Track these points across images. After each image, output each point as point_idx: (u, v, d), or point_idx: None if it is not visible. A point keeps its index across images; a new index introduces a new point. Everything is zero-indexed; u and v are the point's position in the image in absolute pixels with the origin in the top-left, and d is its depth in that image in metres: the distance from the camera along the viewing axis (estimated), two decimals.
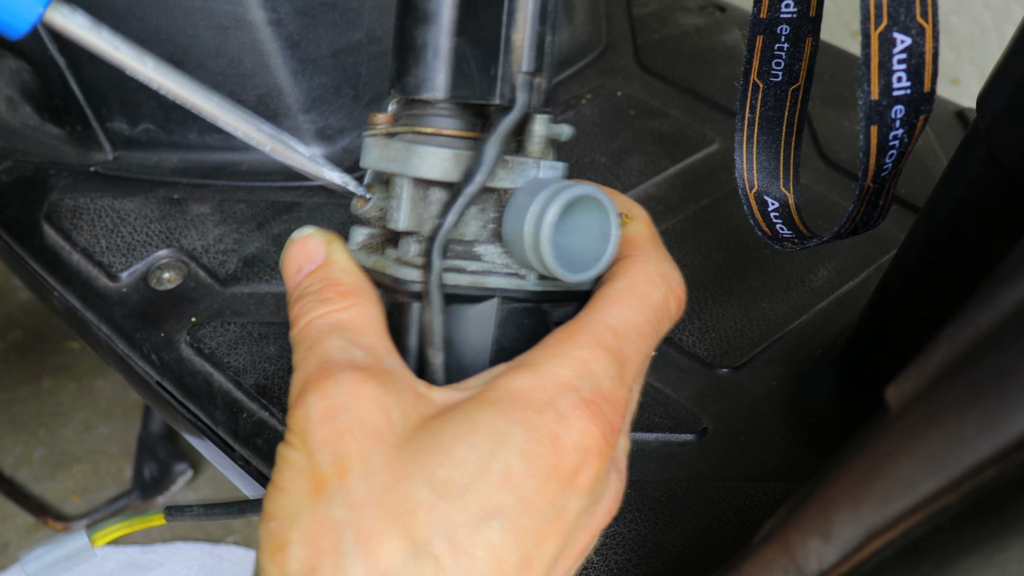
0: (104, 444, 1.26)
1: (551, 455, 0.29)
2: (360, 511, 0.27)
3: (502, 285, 0.33)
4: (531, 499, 0.28)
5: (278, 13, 0.66)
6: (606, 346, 0.31)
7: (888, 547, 0.26)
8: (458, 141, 0.33)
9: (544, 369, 0.30)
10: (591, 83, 0.81)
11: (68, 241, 0.66)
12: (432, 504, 0.27)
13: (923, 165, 0.72)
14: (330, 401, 0.29)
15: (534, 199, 0.32)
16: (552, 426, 0.29)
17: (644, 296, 0.33)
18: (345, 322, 0.32)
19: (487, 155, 0.31)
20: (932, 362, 0.22)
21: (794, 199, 0.48)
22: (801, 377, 0.58)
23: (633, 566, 0.49)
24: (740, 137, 0.48)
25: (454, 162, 0.32)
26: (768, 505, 0.51)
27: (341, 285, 0.33)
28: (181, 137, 0.72)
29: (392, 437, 0.29)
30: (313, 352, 0.31)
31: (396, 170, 0.33)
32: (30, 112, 0.75)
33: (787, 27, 0.45)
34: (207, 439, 0.59)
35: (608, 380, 0.31)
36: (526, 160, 0.34)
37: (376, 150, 0.34)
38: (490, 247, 0.34)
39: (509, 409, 0.29)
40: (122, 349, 0.62)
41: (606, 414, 0.30)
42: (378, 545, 0.27)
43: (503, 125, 0.32)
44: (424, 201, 0.33)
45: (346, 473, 0.28)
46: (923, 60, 0.37)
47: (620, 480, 0.34)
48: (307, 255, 0.34)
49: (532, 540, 0.28)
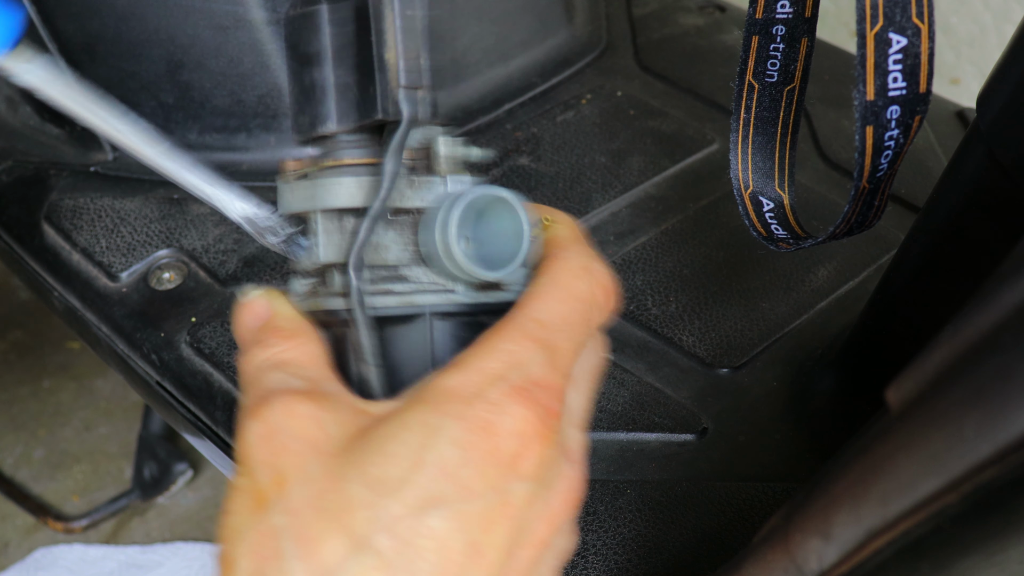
0: (104, 444, 1.26)
1: (485, 442, 0.29)
2: (299, 515, 0.28)
3: (432, 301, 0.34)
4: (470, 485, 0.29)
5: (278, 13, 0.66)
6: (532, 336, 0.31)
7: (888, 547, 0.26)
8: (361, 168, 0.35)
9: (471, 364, 0.30)
10: (591, 83, 0.81)
11: (68, 241, 0.66)
12: (369, 501, 0.28)
13: (923, 165, 0.72)
14: (265, 424, 0.30)
15: (441, 207, 0.33)
16: (483, 415, 0.29)
17: (567, 288, 0.33)
18: (287, 360, 0.33)
19: (386, 169, 0.33)
20: (932, 362, 0.22)
21: (789, 200, 0.48)
22: (801, 377, 0.58)
23: (633, 566, 0.49)
24: (735, 137, 0.48)
25: (357, 186, 0.34)
26: (768, 505, 0.51)
27: (282, 331, 0.34)
28: (181, 137, 0.72)
29: (329, 447, 0.29)
30: (253, 388, 0.32)
31: (307, 207, 0.35)
32: (30, 112, 0.76)
33: (783, 27, 0.45)
34: (207, 439, 0.59)
35: (538, 367, 0.31)
36: (433, 178, 0.35)
37: (287, 194, 0.36)
38: (415, 268, 0.35)
39: (439, 404, 0.29)
40: (122, 349, 0.62)
41: (539, 399, 0.30)
42: (318, 545, 0.28)
43: (395, 137, 0.33)
44: (340, 232, 0.35)
45: (284, 483, 0.29)
46: (919, 61, 0.37)
47: (574, 470, 0.34)
48: (253, 313, 0.36)
49: (477, 526, 0.29)
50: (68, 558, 1.11)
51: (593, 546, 0.50)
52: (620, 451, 0.54)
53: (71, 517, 1.17)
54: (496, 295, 0.35)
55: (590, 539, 0.50)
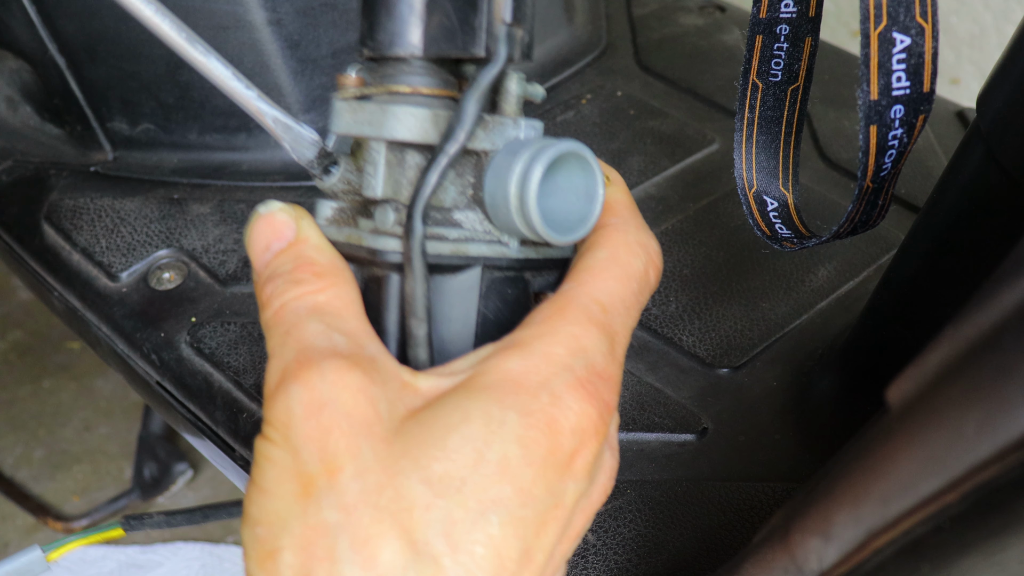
0: (104, 444, 1.26)
1: (548, 440, 0.27)
2: (354, 513, 0.26)
3: (484, 253, 0.31)
4: (530, 489, 0.27)
5: (278, 13, 0.66)
6: (596, 321, 0.30)
7: (888, 547, 0.26)
8: (435, 100, 0.31)
9: (536, 348, 0.29)
10: (591, 83, 0.81)
11: (68, 241, 0.66)
12: (429, 501, 0.26)
13: (923, 165, 0.72)
14: (314, 393, 0.27)
15: (517, 158, 0.30)
16: (549, 409, 0.28)
17: (626, 266, 0.31)
18: (322, 305, 0.30)
19: (467, 111, 0.29)
20: (932, 362, 0.22)
21: (793, 199, 0.48)
22: (801, 377, 0.58)
23: (633, 566, 0.49)
24: (739, 137, 0.48)
25: (433, 122, 0.31)
26: (768, 505, 0.51)
27: (315, 264, 0.31)
28: (181, 137, 0.72)
29: (381, 431, 0.27)
30: (291, 338, 0.29)
31: (370, 133, 0.31)
32: (30, 112, 0.76)
33: (786, 27, 0.45)
34: (207, 439, 0.59)
35: (600, 356, 0.29)
36: (504, 120, 0.32)
37: (347, 114, 0.32)
38: (469, 213, 0.32)
39: (502, 394, 0.28)
40: (122, 349, 0.62)
41: (601, 393, 0.29)
42: (376, 549, 0.26)
43: (484, 78, 0.30)
44: (401, 166, 0.31)
45: (336, 472, 0.27)
46: (922, 60, 0.37)
47: (614, 458, 0.33)
48: (275, 232, 0.32)
49: (532, 531, 0.27)
50: (68, 558, 1.11)
51: (593, 546, 0.50)
52: (620, 451, 0.54)
53: (71, 517, 1.17)
54: (544, 251, 0.33)
55: (590, 539, 0.50)
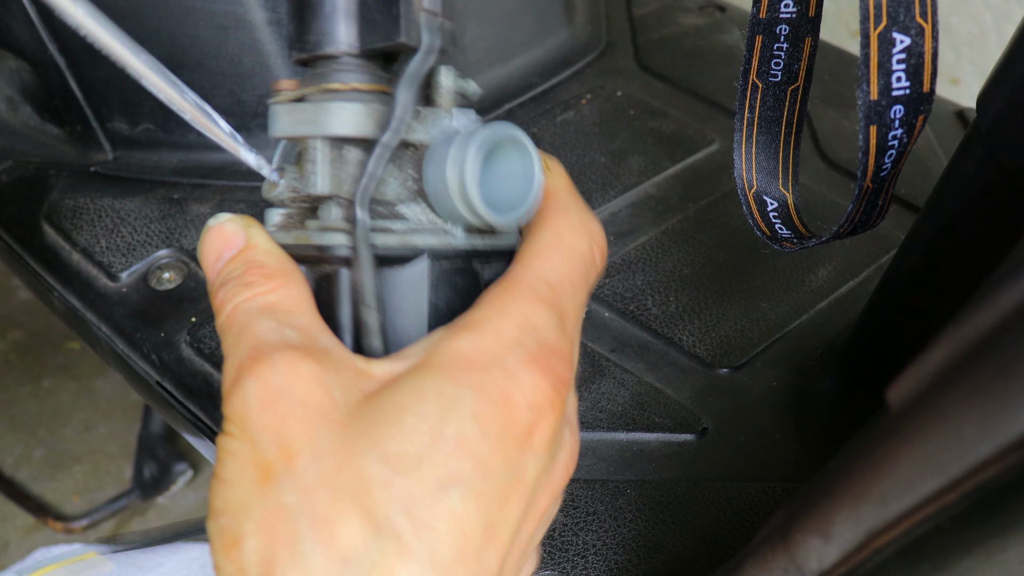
0: (104, 444, 1.26)
1: (504, 415, 0.28)
2: (313, 494, 0.26)
3: (431, 243, 0.32)
4: (489, 463, 0.27)
5: (278, 13, 0.66)
6: (544, 298, 0.30)
7: (888, 547, 0.26)
8: (368, 95, 0.32)
9: (486, 327, 0.29)
10: (591, 83, 0.81)
11: (68, 241, 0.66)
12: (387, 479, 0.26)
13: (923, 165, 0.72)
14: (267, 384, 0.28)
15: (454, 144, 0.31)
16: (503, 384, 0.28)
17: (571, 247, 0.32)
18: (273, 304, 0.31)
19: (400, 100, 0.30)
20: (932, 362, 0.22)
21: (793, 199, 0.48)
22: (801, 377, 0.58)
23: (633, 566, 0.49)
24: (739, 137, 0.48)
25: (369, 115, 0.31)
26: (768, 505, 0.51)
27: (265, 267, 0.32)
28: (181, 137, 0.72)
29: (337, 415, 0.28)
30: (243, 337, 0.30)
31: (308, 132, 0.32)
32: (30, 112, 0.75)
33: (786, 27, 0.45)
34: (207, 439, 0.59)
35: (551, 332, 0.30)
36: (439, 111, 0.33)
37: (285, 116, 0.33)
38: (413, 206, 0.33)
39: (456, 372, 0.28)
40: (122, 349, 0.62)
41: (554, 367, 0.29)
42: (336, 528, 0.26)
43: (412, 66, 0.31)
44: (341, 162, 0.32)
45: (293, 456, 0.27)
46: (922, 60, 0.37)
47: (574, 436, 0.33)
48: (226, 241, 0.33)
49: (495, 505, 0.28)
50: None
51: (593, 546, 0.50)
52: (620, 451, 0.54)
53: (71, 517, 1.17)
54: (490, 240, 0.34)
55: (590, 539, 0.50)
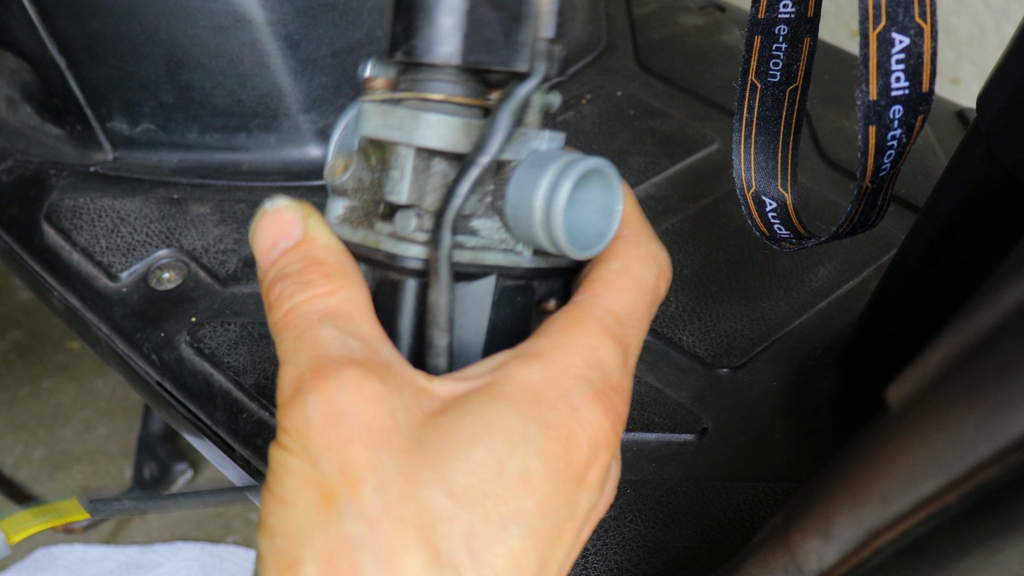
0: (104, 444, 1.26)
1: (566, 453, 0.28)
2: (378, 527, 0.26)
3: (500, 262, 0.32)
4: (549, 501, 0.28)
5: (278, 13, 0.66)
6: (611, 333, 0.30)
7: (888, 547, 0.26)
8: (466, 109, 0.31)
9: (554, 359, 0.29)
10: (591, 83, 0.81)
11: (68, 241, 0.66)
12: (452, 514, 0.26)
13: (923, 165, 0.72)
14: (332, 403, 0.27)
15: (544, 172, 0.30)
16: (568, 422, 0.28)
17: (639, 279, 0.32)
18: (334, 308, 0.30)
19: (501, 124, 0.29)
20: (932, 362, 0.22)
21: (792, 199, 0.48)
22: (801, 377, 0.58)
23: (633, 566, 0.49)
24: (738, 137, 0.48)
25: (464, 131, 0.30)
26: (768, 505, 0.51)
27: (325, 265, 0.30)
28: (181, 137, 0.72)
29: (401, 441, 0.27)
30: (304, 344, 0.29)
31: (400, 138, 0.31)
32: (30, 112, 0.75)
33: (785, 27, 0.45)
34: (207, 439, 0.59)
35: (615, 369, 0.30)
36: (527, 131, 0.32)
37: (376, 117, 0.31)
38: (487, 221, 0.32)
39: (524, 405, 0.28)
40: (122, 349, 0.62)
41: (615, 405, 0.29)
42: (400, 563, 0.26)
43: (521, 92, 0.30)
44: (426, 173, 0.31)
45: (357, 484, 0.26)
46: (921, 60, 0.37)
47: (618, 467, 0.33)
48: (282, 230, 0.31)
49: (549, 543, 0.28)
50: (68, 558, 1.11)
51: (593, 546, 0.50)
52: (620, 451, 0.54)
53: None
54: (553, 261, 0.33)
55: (590, 539, 0.50)
